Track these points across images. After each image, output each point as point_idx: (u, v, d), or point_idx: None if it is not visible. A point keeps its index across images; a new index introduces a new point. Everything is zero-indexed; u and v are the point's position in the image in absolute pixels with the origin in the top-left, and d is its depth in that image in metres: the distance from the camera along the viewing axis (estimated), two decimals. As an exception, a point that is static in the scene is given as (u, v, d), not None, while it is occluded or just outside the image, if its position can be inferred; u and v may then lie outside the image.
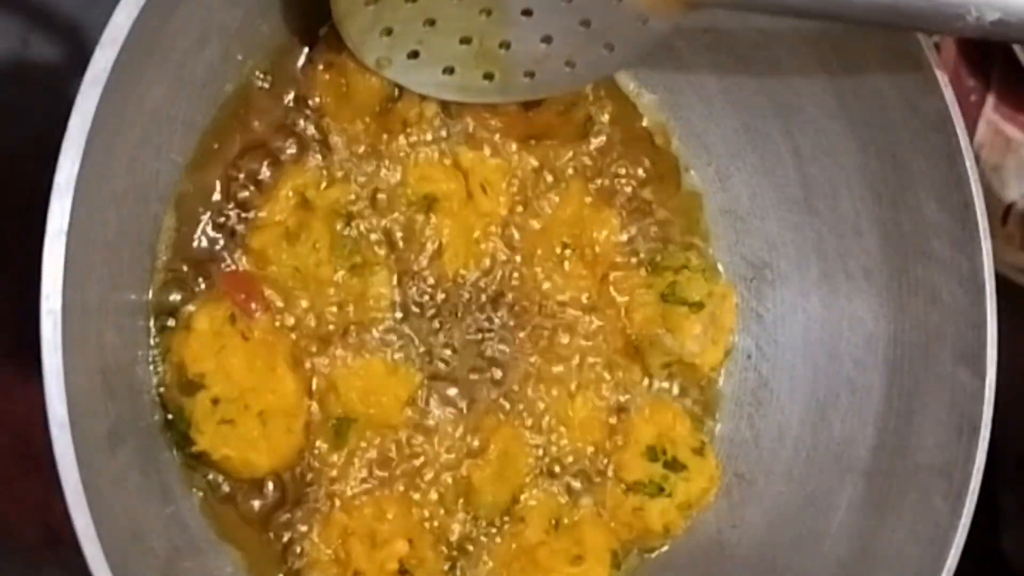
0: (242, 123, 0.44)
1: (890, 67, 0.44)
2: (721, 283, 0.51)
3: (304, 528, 0.43)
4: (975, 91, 0.60)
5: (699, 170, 0.52)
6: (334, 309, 0.44)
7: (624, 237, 0.50)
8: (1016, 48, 0.58)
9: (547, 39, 0.43)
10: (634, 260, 0.50)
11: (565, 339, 0.48)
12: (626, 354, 0.49)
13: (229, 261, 0.43)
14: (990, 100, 0.60)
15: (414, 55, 0.43)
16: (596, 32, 0.42)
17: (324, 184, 0.44)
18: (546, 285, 0.48)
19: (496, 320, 0.47)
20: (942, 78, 0.43)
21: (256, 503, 0.43)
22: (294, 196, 0.44)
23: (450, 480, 0.46)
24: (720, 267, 0.52)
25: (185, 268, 0.43)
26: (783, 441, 0.50)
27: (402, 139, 0.46)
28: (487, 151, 0.47)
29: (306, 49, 0.45)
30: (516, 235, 0.48)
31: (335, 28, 0.42)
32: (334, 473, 0.44)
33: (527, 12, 0.42)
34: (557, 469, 0.48)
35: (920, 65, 0.43)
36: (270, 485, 0.43)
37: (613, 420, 0.49)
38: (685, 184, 0.52)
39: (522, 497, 0.47)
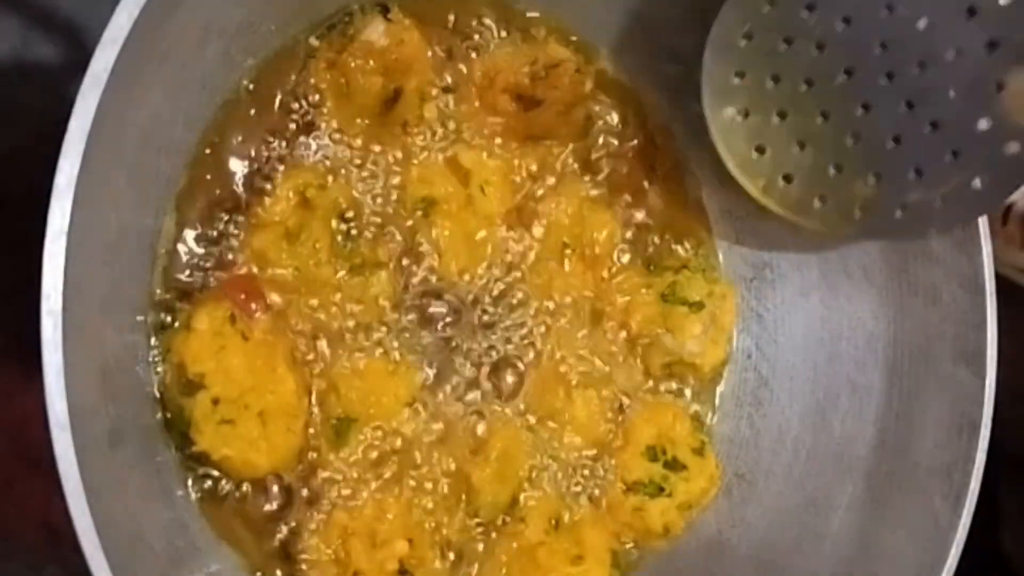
0: (242, 124, 0.44)
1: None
2: (721, 283, 0.51)
3: (304, 528, 0.43)
4: (975, 91, 0.60)
5: (699, 170, 0.52)
6: (334, 309, 0.44)
7: (624, 237, 0.50)
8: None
9: (919, 171, 0.40)
10: (634, 260, 0.50)
11: (565, 339, 0.48)
12: (626, 354, 0.49)
13: (229, 261, 0.43)
14: (990, 100, 0.60)
15: (788, 179, 0.44)
16: (964, 163, 0.39)
17: (324, 184, 0.44)
18: (546, 285, 0.48)
19: (496, 321, 0.47)
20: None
21: (256, 503, 0.43)
22: (294, 196, 0.44)
23: (450, 480, 0.46)
24: (720, 267, 0.52)
25: (185, 268, 0.43)
26: (783, 441, 0.50)
27: (402, 140, 0.46)
28: (487, 152, 0.47)
29: (306, 49, 0.45)
30: (516, 236, 0.48)
31: (359, 33, 0.42)
32: (334, 473, 0.44)
33: (896, 139, 0.40)
34: (557, 469, 0.48)
35: (920, 65, 0.43)
36: (270, 485, 0.43)
37: (613, 420, 0.49)
38: (685, 184, 0.52)
39: (522, 497, 0.47)
